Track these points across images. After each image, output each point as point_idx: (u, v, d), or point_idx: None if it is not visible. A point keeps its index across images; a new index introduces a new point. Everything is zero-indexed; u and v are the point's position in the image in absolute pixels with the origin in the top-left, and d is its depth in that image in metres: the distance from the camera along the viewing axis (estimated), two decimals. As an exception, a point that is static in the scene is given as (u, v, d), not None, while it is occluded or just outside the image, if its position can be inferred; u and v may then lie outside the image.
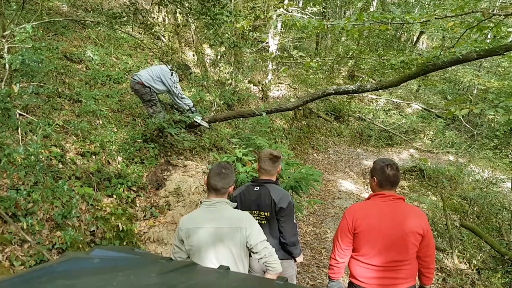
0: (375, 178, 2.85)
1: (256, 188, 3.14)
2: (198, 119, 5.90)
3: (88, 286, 1.07)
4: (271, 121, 10.09)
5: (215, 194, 2.54)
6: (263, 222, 3.08)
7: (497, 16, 4.25)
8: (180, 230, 2.50)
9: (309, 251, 6.07)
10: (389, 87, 6.70)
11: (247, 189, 3.20)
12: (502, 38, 5.01)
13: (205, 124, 6.08)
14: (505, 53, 4.08)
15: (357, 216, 2.76)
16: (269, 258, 2.46)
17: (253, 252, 2.49)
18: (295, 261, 3.27)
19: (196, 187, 5.06)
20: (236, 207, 2.72)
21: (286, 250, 3.16)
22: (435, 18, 4.04)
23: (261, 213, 3.10)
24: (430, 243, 2.73)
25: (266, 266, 2.49)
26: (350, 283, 2.89)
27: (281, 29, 11.77)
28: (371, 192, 2.95)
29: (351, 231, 2.77)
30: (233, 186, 2.64)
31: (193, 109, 5.99)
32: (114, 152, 4.90)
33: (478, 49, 4.27)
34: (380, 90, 18.02)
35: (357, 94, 16.96)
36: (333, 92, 5.73)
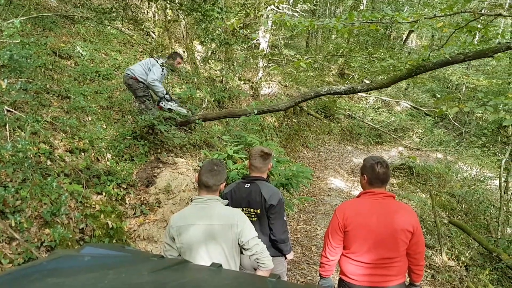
0: (365, 176, 2.87)
1: (247, 186, 3.14)
2: (171, 106, 5.86)
3: (79, 284, 1.06)
4: (262, 119, 10.08)
5: (206, 191, 2.52)
6: (253, 219, 3.08)
7: (486, 17, 4.29)
8: (171, 227, 2.48)
9: (299, 248, 6.09)
10: (379, 88, 6.76)
11: (237, 186, 3.19)
12: (490, 39, 5.05)
13: (183, 110, 6.03)
14: (494, 55, 4.13)
15: (347, 214, 2.78)
16: (261, 254, 2.44)
17: (244, 249, 2.48)
18: (286, 258, 3.28)
19: (187, 185, 5.04)
20: (227, 205, 2.72)
21: (276, 248, 3.16)
22: (425, 17, 4.06)
23: (252, 210, 3.10)
24: (419, 240, 2.75)
25: (257, 262, 2.48)
26: (341, 280, 2.90)
27: (271, 27, 11.76)
28: (362, 189, 2.97)
29: (341, 229, 2.79)
30: (224, 183, 2.62)
31: (167, 96, 5.92)
32: (103, 149, 4.85)
33: (467, 51, 4.31)
34: (370, 96, 18.16)
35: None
36: (324, 92, 5.75)
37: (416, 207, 8.48)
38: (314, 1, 15.66)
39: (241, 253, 2.58)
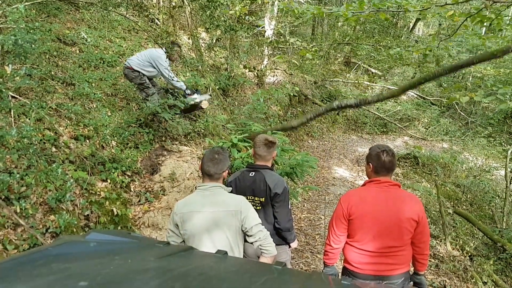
0: (371, 165, 2.85)
1: (251, 174, 3.13)
2: (196, 98, 5.84)
3: (84, 270, 1.05)
4: (267, 107, 10.04)
5: (209, 179, 2.54)
6: (258, 207, 3.07)
7: (498, 5, 4.19)
8: (175, 214, 2.50)
9: (303, 237, 6.10)
10: (390, 98, 6.65)
11: (242, 174, 3.18)
12: (500, 29, 4.92)
13: (204, 97, 6.02)
14: (503, 56, 4.03)
15: (352, 203, 2.77)
16: (264, 241, 2.45)
17: (248, 236, 2.48)
18: (289, 246, 3.27)
19: (191, 173, 5.04)
20: (231, 192, 2.72)
21: (280, 236, 3.15)
22: (435, 5, 3.98)
23: (256, 198, 3.10)
24: (424, 229, 2.74)
25: (260, 249, 2.47)
26: (344, 268, 2.90)
27: (277, 14, 11.64)
28: (367, 178, 2.94)
29: (346, 217, 2.78)
30: (227, 171, 2.63)
31: (187, 91, 5.90)
32: (108, 136, 4.84)
33: (477, 52, 4.23)
34: (376, 85, 18.00)
35: (352, 81, 16.94)
36: (335, 107, 5.65)
37: (421, 196, 8.46)
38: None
39: (245, 240, 2.58)
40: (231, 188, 2.68)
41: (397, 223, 2.67)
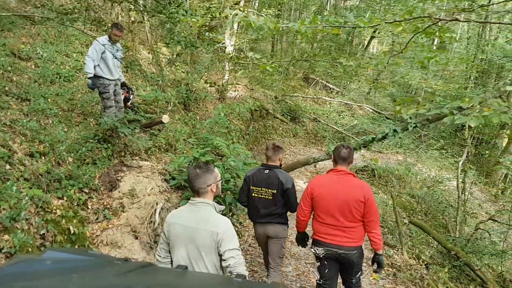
0: (333, 156, 3.68)
1: (266, 171, 3.99)
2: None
3: (43, 288, 1.04)
4: (229, 122, 10.09)
5: (197, 194, 2.60)
6: (270, 197, 3.94)
7: (443, 22, 4.49)
8: (165, 222, 2.63)
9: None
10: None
11: (258, 171, 4.04)
12: (444, 43, 5.25)
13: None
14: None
15: (314, 186, 3.59)
16: (234, 268, 2.41)
17: (221, 259, 2.47)
18: (287, 226, 4.17)
19: (152, 188, 4.98)
20: (246, 183, 3.98)
21: (284, 217, 4.08)
22: (385, 22, 4.21)
23: (269, 190, 3.94)
24: (371, 210, 3.41)
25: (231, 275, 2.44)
26: (314, 240, 3.66)
27: (237, 30, 11.80)
28: None
29: (309, 196, 3.59)
30: (215, 185, 2.64)
31: (89, 81, 5.73)
32: (64, 153, 4.72)
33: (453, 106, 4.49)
34: (334, 100, 18.48)
35: (311, 96, 17.33)
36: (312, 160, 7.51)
37: (378, 207, 8.71)
38: (279, 6, 15.83)
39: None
40: (223, 207, 2.72)
41: (347, 203, 3.38)
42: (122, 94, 6.17)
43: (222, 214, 2.67)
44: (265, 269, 5.56)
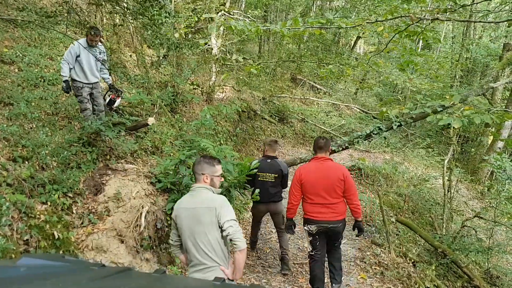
0: (313, 147, 4.49)
1: (269, 160, 5.31)
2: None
3: (14, 296, 1.02)
4: (216, 123, 10.07)
5: (197, 181, 2.95)
6: (272, 180, 5.22)
7: (426, 21, 4.53)
8: (173, 211, 2.93)
9: (254, 252, 6.13)
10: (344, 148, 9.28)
11: (262, 160, 5.30)
12: (428, 43, 5.32)
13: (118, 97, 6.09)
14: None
15: (301, 172, 4.31)
16: (233, 235, 2.71)
17: (221, 230, 2.76)
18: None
19: (138, 191, 4.94)
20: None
21: (281, 196, 5.39)
22: (367, 22, 4.25)
23: (271, 175, 5.21)
24: (350, 186, 4.20)
25: (231, 242, 2.77)
26: (305, 219, 4.38)
27: (223, 32, 11.78)
28: None
29: (299, 182, 4.29)
30: (208, 176, 2.93)
31: (63, 84, 5.62)
32: (48, 157, 4.66)
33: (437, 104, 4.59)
34: (322, 101, 18.56)
35: (298, 97, 17.37)
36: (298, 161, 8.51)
37: (365, 206, 8.76)
38: (265, 7, 15.85)
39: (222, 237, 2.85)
40: (220, 190, 3.08)
41: (330, 183, 4.15)
42: (109, 96, 6.08)
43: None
44: (253, 270, 5.57)
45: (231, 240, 2.74)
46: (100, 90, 6.08)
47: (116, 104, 6.17)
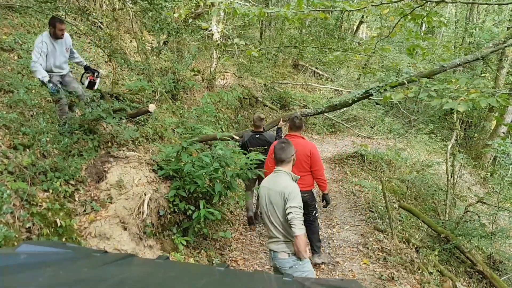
0: (288, 125, 4.99)
1: (257, 136, 6.02)
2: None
3: (13, 283, 0.99)
4: (217, 110, 10.01)
5: (280, 164, 3.34)
6: (263, 151, 5.68)
7: (429, 4, 4.44)
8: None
9: (256, 238, 6.13)
10: (342, 108, 9.82)
11: (252, 136, 6.04)
12: (433, 27, 5.23)
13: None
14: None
15: (275, 146, 4.25)
16: (292, 220, 3.06)
17: (287, 214, 3.11)
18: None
19: (140, 179, 4.91)
20: (245, 146, 5.98)
21: None
22: (372, 5, 4.16)
23: (261, 148, 5.90)
24: (315, 161, 4.75)
25: (290, 227, 3.10)
26: None
27: (224, 17, 11.64)
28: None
29: (272, 155, 4.21)
30: (293, 158, 3.38)
31: (49, 85, 4.98)
32: (49, 145, 4.63)
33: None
34: (324, 87, 18.43)
35: (300, 83, 17.26)
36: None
37: (368, 193, 8.74)
38: (267, -8, 15.63)
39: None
40: (298, 177, 3.46)
41: (300, 158, 4.53)
42: (87, 78, 5.67)
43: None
44: (255, 256, 5.58)
45: (290, 222, 3.08)
46: (71, 75, 5.60)
47: (96, 86, 5.72)
